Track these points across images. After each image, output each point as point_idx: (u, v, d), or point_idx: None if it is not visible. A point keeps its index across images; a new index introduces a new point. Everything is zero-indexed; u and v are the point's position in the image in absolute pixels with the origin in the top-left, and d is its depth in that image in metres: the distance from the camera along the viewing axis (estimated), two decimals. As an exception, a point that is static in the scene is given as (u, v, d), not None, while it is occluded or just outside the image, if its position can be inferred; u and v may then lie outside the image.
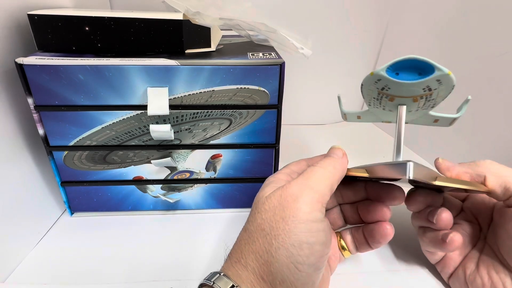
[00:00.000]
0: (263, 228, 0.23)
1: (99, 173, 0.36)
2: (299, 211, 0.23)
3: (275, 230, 0.22)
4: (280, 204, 0.23)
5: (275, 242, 0.22)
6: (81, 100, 0.32)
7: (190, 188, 0.39)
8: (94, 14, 0.31)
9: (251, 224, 0.24)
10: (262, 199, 0.25)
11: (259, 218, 0.24)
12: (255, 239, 0.23)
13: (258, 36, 0.37)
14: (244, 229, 0.25)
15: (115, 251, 0.34)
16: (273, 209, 0.23)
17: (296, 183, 0.24)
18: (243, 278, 0.22)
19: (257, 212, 0.24)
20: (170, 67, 0.31)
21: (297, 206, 0.23)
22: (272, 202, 0.24)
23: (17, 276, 0.31)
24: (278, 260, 0.22)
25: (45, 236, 0.36)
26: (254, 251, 0.23)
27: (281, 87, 0.33)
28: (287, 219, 0.22)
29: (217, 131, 0.35)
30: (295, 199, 0.23)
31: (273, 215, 0.23)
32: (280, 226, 0.22)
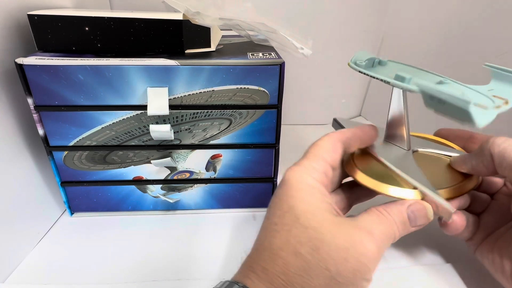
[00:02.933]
0: (328, 268, 0.20)
1: (99, 173, 0.36)
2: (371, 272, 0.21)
3: (343, 278, 0.20)
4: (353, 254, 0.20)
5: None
6: (81, 100, 0.32)
7: (190, 188, 0.39)
8: (94, 14, 0.31)
9: (310, 253, 0.20)
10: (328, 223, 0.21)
11: (325, 253, 0.20)
12: (313, 276, 0.20)
13: (258, 36, 0.37)
14: (294, 252, 0.20)
15: (115, 251, 0.34)
16: (346, 253, 0.20)
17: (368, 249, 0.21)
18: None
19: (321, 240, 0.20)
20: (170, 67, 0.31)
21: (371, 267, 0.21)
22: (346, 243, 0.20)
23: (17, 276, 0.31)
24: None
25: (45, 236, 0.36)
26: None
27: (281, 87, 0.33)
28: (358, 274, 0.20)
29: (217, 131, 0.35)
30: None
31: (345, 260, 0.20)
32: (350, 278, 0.20)
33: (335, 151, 0.26)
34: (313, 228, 0.21)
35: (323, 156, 0.25)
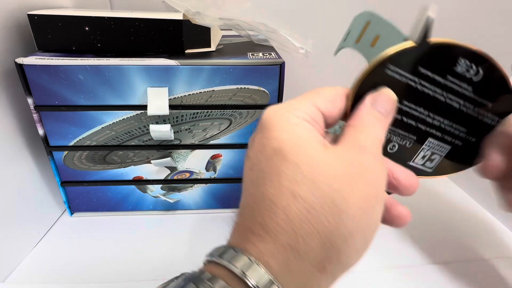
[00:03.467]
0: (333, 201, 0.17)
1: (99, 173, 0.36)
2: (379, 194, 0.18)
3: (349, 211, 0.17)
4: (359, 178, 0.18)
5: (354, 225, 0.17)
6: (81, 100, 0.32)
7: (190, 188, 0.39)
8: (94, 14, 0.31)
9: (310, 191, 0.17)
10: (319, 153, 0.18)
11: (326, 186, 0.17)
12: (321, 217, 0.17)
13: (258, 36, 0.37)
14: (291, 194, 0.17)
15: (115, 251, 0.34)
16: (349, 182, 0.18)
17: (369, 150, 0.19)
18: (294, 272, 0.17)
19: (318, 173, 0.17)
20: (170, 67, 0.31)
21: (379, 187, 0.18)
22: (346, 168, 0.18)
23: (17, 276, 0.31)
24: (351, 246, 0.17)
25: (45, 236, 0.36)
26: (321, 234, 0.17)
27: (281, 87, 0.33)
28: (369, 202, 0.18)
29: (217, 131, 0.35)
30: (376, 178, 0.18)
31: (351, 190, 0.17)
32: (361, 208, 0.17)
33: (334, 103, 0.21)
34: (306, 164, 0.18)
35: (314, 100, 0.21)
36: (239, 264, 0.16)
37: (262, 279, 0.16)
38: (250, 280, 0.16)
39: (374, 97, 0.21)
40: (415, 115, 0.21)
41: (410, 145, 0.22)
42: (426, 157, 0.22)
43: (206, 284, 0.15)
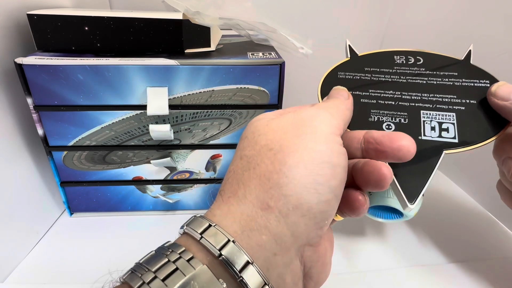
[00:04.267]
0: (270, 147, 0.19)
1: (99, 173, 0.36)
2: (318, 129, 0.19)
3: (288, 148, 0.18)
4: (293, 124, 0.20)
5: (290, 159, 0.18)
6: (81, 100, 0.32)
7: (189, 188, 0.39)
8: (93, 14, 0.31)
9: (251, 149, 0.20)
10: (263, 123, 0.21)
11: (263, 140, 0.19)
12: (258, 162, 0.19)
13: (258, 35, 0.37)
14: (239, 157, 0.20)
15: (115, 251, 0.34)
16: (283, 128, 0.19)
17: (309, 107, 0.21)
18: (234, 215, 0.18)
19: (258, 135, 0.20)
20: (170, 67, 0.31)
21: (316, 125, 0.19)
22: (281, 123, 0.20)
23: (17, 276, 0.31)
24: (294, 179, 0.18)
25: (45, 236, 0.36)
26: (258, 175, 0.18)
27: (281, 87, 0.33)
28: (304, 136, 0.19)
29: (217, 131, 0.35)
30: (312, 118, 0.20)
31: (284, 134, 0.19)
32: (295, 143, 0.19)
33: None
34: (251, 133, 0.21)
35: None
36: (193, 225, 0.18)
37: (202, 227, 0.17)
38: (193, 230, 0.17)
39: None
40: (389, 96, 0.25)
41: (406, 121, 0.24)
42: (437, 128, 0.24)
43: (164, 249, 0.17)
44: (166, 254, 0.16)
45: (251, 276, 0.16)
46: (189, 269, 0.15)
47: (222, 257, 0.16)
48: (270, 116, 0.21)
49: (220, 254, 0.16)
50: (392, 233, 0.37)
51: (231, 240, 0.16)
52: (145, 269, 0.16)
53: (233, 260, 0.16)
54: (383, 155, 0.21)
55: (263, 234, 0.17)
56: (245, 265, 0.16)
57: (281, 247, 0.17)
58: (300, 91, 0.59)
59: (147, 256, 0.17)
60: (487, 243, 0.35)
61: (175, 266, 0.15)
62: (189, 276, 0.15)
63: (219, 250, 0.16)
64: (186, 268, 0.15)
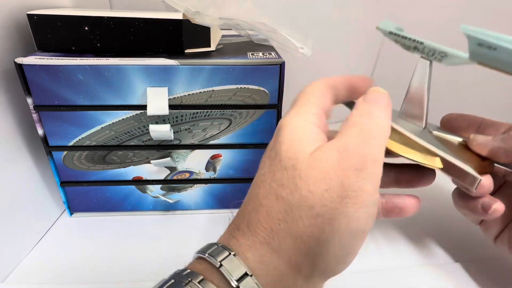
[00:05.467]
0: (311, 205, 0.17)
1: (99, 173, 0.36)
2: (363, 192, 0.18)
3: (330, 213, 0.17)
4: (337, 176, 0.17)
5: (329, 229, 0.17)
6: (81, 100, 0.32)
7: (190, 188, 0.39)
8: (93, 14, 0.31)
9: (289, 192, 0.18)
10: (305, 157, 0.18)
11: (305, 189, 0.18)
12: (297, 219, 0.17)
13: (258, 35, 0.37)
14: (274, 195, 0.18)
15: (115, 251, 0.34)
16: (327, 181, 0.17)
17: (355, 146, 0.18)
18: (269, 267, 0.17)
19: (299, 177, 0.18)
20: (170, 67, 0.31)
21: (361, 185, 0.18)
22: (325, 168, 0.18)
23: (17, 276, 0.31)
24: (328, 252, 0.17)
25: (45, 236, 0.36)
26: (295, 235, 0.17)
27: (281, 87, 0.33)
28: (347, 200, 0.17)
29: (217, 131, 0.35)
30: (358, 173, 0.18)
31: (327, 191, 0.17)
32: (337, 207, 0.17)
33: (324, 96, 0.23)
34: (291, 167, 0.19)
35: (313, 100, 0.22)
36: (219, 257, 0.17)
37: (237, 269, 0.17)
38: (226, 270, 0.17)
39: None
40: None
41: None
42: None
43: (183, 277, 0.17)
44: (185, 282, 0.17)
45: None
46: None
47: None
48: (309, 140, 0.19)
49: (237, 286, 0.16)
50: (393, 232, 0.37)
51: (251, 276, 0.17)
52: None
53: None
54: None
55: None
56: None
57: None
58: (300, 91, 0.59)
59: (166, 285, 0.17)
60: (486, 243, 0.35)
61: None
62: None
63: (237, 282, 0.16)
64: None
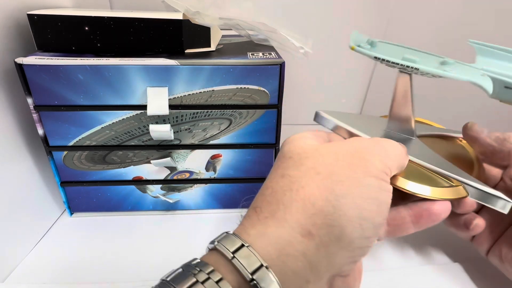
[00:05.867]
0: (318, 171, 0.18)
1: (99, 173, 0.36)
2: (371, 165, 0.19)
3: (338, 176, 0.18)
4: (346, 152, 0.19)
5: (338, 188, 0.17)
6: (81, 100, 0.32)
7: (190, 188, 0.39)
8: (93, 14, 0.31)
9: (295, 169, 0.19)
10: (312, 147, 0.20)
11: (310, 162, 0.19)
12: (303, 184, 0.18)
13: (258, 36, 0.37)
14: (280, 175, 0.19)
15: (115, 251, 0.34)
16: (334, 155, 0.19)
17: (366, 139, 0.21)
18: (270, 237, 0.17)
19: (305, 157, 0.19)
20: (170, 67, 0.31)
21: (369, 159, 0.19)
22: (333, 148, 0.19)
23: (17, 276, 0.31)
24: (340, 210, 0.17)
25: (45, 236, 0.36)
26: (302, 198, 0.17)
27: (281, 87, 0.33)
28: (356, 167, 0.18)
29: (217, 131, 0.35)
30: (367, 151, 0.19)
31: (335, 160, 0.18)
32: (346, 173, 0.18)
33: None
34: (297, 155, 0.20)
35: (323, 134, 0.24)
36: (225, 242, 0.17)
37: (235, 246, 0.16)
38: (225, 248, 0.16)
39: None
40: None
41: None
42: None
43: (191, 267, 0.16)
44: (194, 273, 0.16)
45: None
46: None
47: (254, 282, 0.15)
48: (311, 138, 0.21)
49: (252, 279, 0.15)
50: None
51: (264, 266, 0.16)
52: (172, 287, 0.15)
53: (264, 287, 0.15)
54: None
55: (299, 261, 0.16)
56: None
57: (314, 276, 0.17)
58: (300, 91, 0.59)
59: (174, 273, 0.16)
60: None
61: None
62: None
63: (251, 274, 0.15)
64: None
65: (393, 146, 0.21)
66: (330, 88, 0.61)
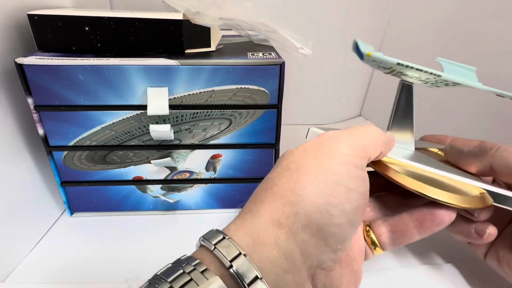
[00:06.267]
0: (289, 168, 0.19)
1: (99, 173, 0.36)
2: (336, 152, 0.19)
3: (304, 167, 0.19)
4: (314, 145, 0.20)
5: (304, 178, 0.18)
6: (81, 100, 0.32)
7: (190, 188, 0.39)
8: (94, 14, 0.31)
9: (273, 171, 0.20)
10: (288, 151, 0.21)
11: (285, 162, 0.20)
12: (276, 182, 0.19)
13: (258, 36, 0.37)
14: (263, 181, 0.21)
15: (115, 251, 0.34)
16: (304, 150, 0.20)
17: (338, 131, 0.21)
18: (247, 228, 0.18)
19: (282, 159, 0.20)
20: (170, 67, 0.31)
21: (335, 146, 0.20)
22: (304, 146, 0.20)
23: (17, 276, 0.31)
24: (306, 198, 0.18)
25: (45, 236, 0.36)
26: (274, 193, 0.19)
27: (281, 87, 0.33)
28: (321, 157, 0.19)
29: (217, 131, 0.35)
30: (333, 140, 0.20)
31: (303, 155, 0.20)
32: (312, 163, 0.19)
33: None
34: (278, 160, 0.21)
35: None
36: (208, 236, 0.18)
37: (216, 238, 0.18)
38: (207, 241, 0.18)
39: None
40: None
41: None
42: None
43: (182, 262, 0.17)
44: (181, 266, 0.17)
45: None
46: (203, 279, 0.16)
47: (233, 269, 0.16)
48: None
49: (230, 266, 0.16)
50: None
51: (242, 253, 0.17)
52: (162, 279, 0.16)
53: (243, 273, 0.16)
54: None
55: (274, 249, 0.17)
56: (254, 279, 0.16)
57: (291, 265, 0.17)
58: (300, 91, 0.59)
59: (165, 268, 0.18)
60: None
61: (189, 277, 0.16)
62: (202, 286, 0.16)
63: (230, 262, 0.16)
64: (200, 279, 0.16)
65: (366, 131, 0.22)
66: (330, 88, 0.61)
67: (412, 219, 0.24)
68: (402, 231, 0.24)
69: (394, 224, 0.25)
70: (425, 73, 0.24)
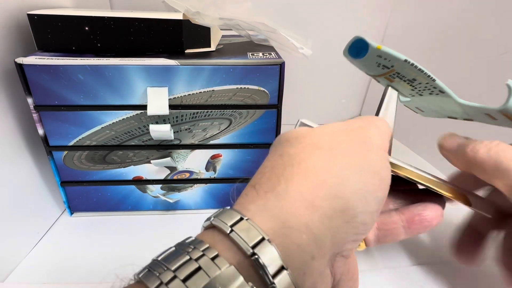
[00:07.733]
0: (319, 146, 0.18)
1: (99, 173, 0.36)
2: (370, 140, 0.19)
3: (339, 149, 0.17)
4: (343, 130, 0.19)
5: (342, 160, 0.17)
6: (81, 100, 0.32)
7: (190, 188, 0.39)
8: (94, 14, 0.31)
9: (293, 147, 0.18)
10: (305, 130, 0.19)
11: (308, 139, 0.18)
12: (304, 158, 0.17)
13: (258, 36, 0.37)
14: (278, 154, 0.18)
15: (115, 251, 0.34)
16: (331, 133, 0.19)
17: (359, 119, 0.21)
18: (273, 211, 0.15)
19: (303, 136, 0.19)
20: (170, 67, 0.31)
21: (368, 135, 0.19)
22: (328, 128, 0.19)
23: (17, 275, 0.31)
24: (347, 181, 0.16)
25: (45, 236, 0.36)
26: (305, 170, 0.16)
27: (281, 87, 0.33)
28: (355, 143, 0.18)
29: (217, 131, 0.35)
30: (364, 129, 0.19)
31: (333, 137, 0.18)
32: (347, 146, 0.18)
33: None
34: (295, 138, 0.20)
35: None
36: (222, 216, 0.16)
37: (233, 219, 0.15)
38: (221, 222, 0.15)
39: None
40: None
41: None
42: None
43: (187, 246, 0.15)
44: (187, 251, 0.14)
45: (284, 284, 0.14)
46: (214, 269, 0.13)
47: (255, 257, 0.14)
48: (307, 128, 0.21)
49: (253, 253, 0.14)
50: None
51: (266, 239, 0.14)
52: (164, 267, 0.14)
53: (267, 263, 0.14)
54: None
55: (304, 234, 0.15)
56: (279, 270, 0.14)
57: (319, 250, 0.15)
58: (300, 91, 0.59)
59: (166, 252, 0.15)
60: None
61: (197, 265, 0.13)
62: (214, 278, 0.13)
63: (252, 248, 0.14)
64: (210, 268, 0.13)
65: (385, 125, 0.21)
66: (330, 88, 0.61)
67: (401, 218, 0.24)
68: (390, 229, 0.24)
69: (383, 221, 0.24)
70: (424, 75, 0.24)
